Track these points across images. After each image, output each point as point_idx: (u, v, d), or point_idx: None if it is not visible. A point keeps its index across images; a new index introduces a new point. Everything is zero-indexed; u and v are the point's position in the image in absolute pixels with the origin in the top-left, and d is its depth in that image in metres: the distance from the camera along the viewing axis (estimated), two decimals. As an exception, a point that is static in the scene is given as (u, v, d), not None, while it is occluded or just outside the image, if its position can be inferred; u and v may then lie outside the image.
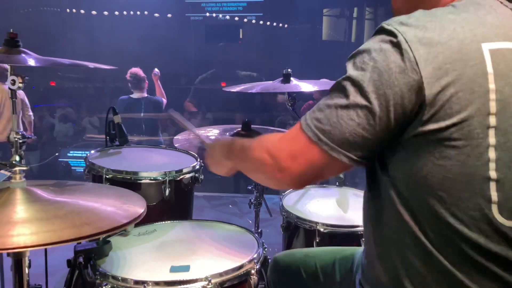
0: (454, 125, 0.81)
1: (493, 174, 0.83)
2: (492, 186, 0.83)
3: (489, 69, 0.82)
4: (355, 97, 0.85)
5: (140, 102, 4.88)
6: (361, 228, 1.73)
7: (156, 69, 5.19)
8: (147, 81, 4.97)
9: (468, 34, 0.83)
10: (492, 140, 0.82)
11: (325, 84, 2.42)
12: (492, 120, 0.82)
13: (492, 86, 0.82)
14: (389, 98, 0.83)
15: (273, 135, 1.02)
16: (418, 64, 0.81)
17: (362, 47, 0.88)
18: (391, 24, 0.86)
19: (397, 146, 0.88)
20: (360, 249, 1.28)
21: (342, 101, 0.87)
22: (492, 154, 0.82)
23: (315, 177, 0.96)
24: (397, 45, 0.83)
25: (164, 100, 5.15)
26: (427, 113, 0.82)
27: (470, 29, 0.84)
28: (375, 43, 0.86)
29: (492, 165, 0.83)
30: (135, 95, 4.91)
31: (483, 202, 0.84)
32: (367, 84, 0.84)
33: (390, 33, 0.85)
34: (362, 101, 0.84)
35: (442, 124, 0.81)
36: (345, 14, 9.70)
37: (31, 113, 4.95)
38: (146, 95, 4.95)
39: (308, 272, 1.35)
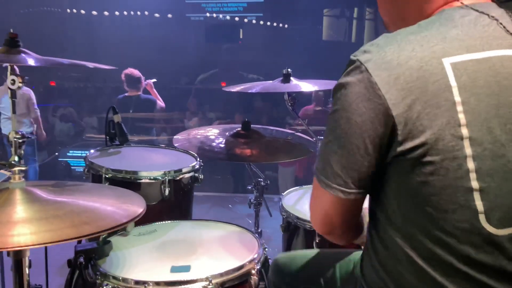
0: (428, 141, 0.83)
1: (475, 184, 0.84)
2: (476, 196, 0.84)
3: (452, 82, 0.84)
4: (333, 132, 0.91)
5: (131, 100, 4.91)
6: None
7: (149, 80, 5.18)
8: (143, 81, 4.98)
9: (427, 52, 0.85)
10: (468, 150, 0.83)
11: (325, 84, 2.42)
12: (465, 131, 0.83)
13: (457, 98, 0.83)
14: (361, 125, 0.87)
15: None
16: (381, 89, 0.84)
17: (337, 82, 0.92)
18: (356, 54, 0.90)
19: (382, 169, 0.91)
20: (361, 252, 1.27)
21: (328, 138, 0.93)
22: (471, 164, 0.83)
23: (342, 220, 1.01)
24: (360, 75, 0.87)
25: (161, 103, 5.16)
26: (401, 133, 0.84)
27: (429, 47, 0.86)
28: (343, 77, 0.91)
29: (472, 175, 0.83)
30: (129, 93, 4.95)
31: (469, 213, 0.84)
32: (340, 117, 0.89)
33: (354, 63, 0.89)
34: (339, 134, 0.90)
35: (417, 141, 0.83)
36: (345, 14, 9.70)
37: (36, 108, 5.03)
38: (139, 93, 4.97)
39: (309, 275, 1.35)
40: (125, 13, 9.19)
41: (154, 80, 5.26)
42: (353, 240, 1.15)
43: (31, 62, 1.34)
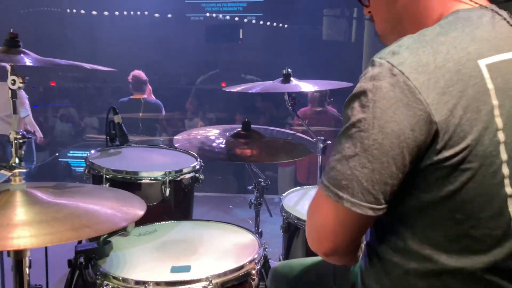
0: (468, 147, 0.79)
1: (509, 190, 0.82)
2: (510, 202, 0.82)
3: (489, 85, 0.81)
4: (362, 144, 0.82)
5: (139, 103, 4.90)
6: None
7: None
8: (149, 85, 5.00)
9: (463, 54, 0.82)
10: (504, 156, 0.81)
11: (326, 84, 2.41)
12: (501, 136, 0.81)
13: (495, 102, 0.81)
14: (399, 134, 0.79)
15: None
16: (421, 93, 0.79)
17: (356, 90, 0.84)
18: (383, 57, 0.83)
19: (411, 177, 0.85)
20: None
21: (350, 150, 0.83)
22: (505, 170, 0.81)
23: (354, 238, 0.92)
24: (393, 78, 0.80)
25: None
26: (441, 140, 0.79)
27: (463, 48, 0.82)
28: (368, 81, 0.82)
29: (507, 181, 0.81)
30: (135, 96, 4.94)
31: (503, 220, 0.83)
32: (372, 127, 0.81)
33: (382, 66, 0.82)
34: (372, 145, 0.81)
35: (457, 148, 0.79)
36: (345, 14, 9.69)
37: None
38: (145, 96, 4.97)
39: (307, 281, 1.35)
40: (125, 13, 9.19)
41: None
42: (354, 261, 1.04)
43: (30, 62, 1.34)
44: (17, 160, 1.28)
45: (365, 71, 0.85)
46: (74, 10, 9.23)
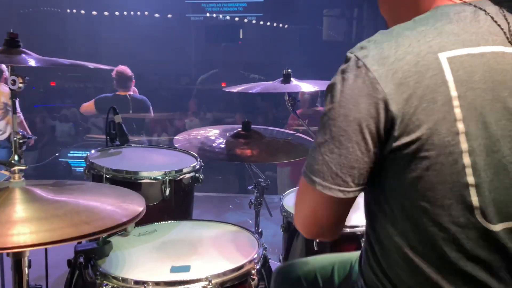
0: (424, 136, 0.83)
1: (470, 179, 0.84)
2: (472, 191, 0.84)
3: (448, 77, 0.84)
4: (330, 130, 0.89)
5: (126, 100, 4.69)
6: (361, 229, 1.73)
7: None
8: (134, 80, 4.82)
9: (424, 47, 0.86)
10: (464, 146, 0.83)
11: (326, 84, 2.41)
12: (460, 126, 0.83)
13: (454, 93, 0.83)
14: (361, 121, 0.86)
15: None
16: (380, 83, 0.84)
17: (331, 81, 0.92)
18: (353, 51, 0.90)
19: (378, 165, 0.90)
20: (359, 253, 1.28)
21: (322, 137, 0.90)
22: (466, 159, 0.83)
23: (334, 220, 1.00)
24: (357, 70, 0.87)
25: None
26: (398, 128, 0.84)
27: (426, 41, 0.86)
28: (339, 74, 0.90)
29: (468, 171, 0.84)
30: (121, 93, 4.75)
31: (465, 208, 0.85)
32: (338, 115, 0.88)
33: (350, 60, 0.89)
34: (337, 132, 0.88)
35: (413, 136, 0.83)
36: (345, 14, 9.69)
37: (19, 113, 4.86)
38: (131, 93, 4.79)
39: (308, 280, 1.36)
40: (125, 13, 9.19)
41: None
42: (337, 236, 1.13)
43: (31, 62, 1.34)
44: (16, 158, 1.28)
45: (341, 65, 0.92)
46: (74, 10, 9.23)
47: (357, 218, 1.88)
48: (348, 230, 1.78)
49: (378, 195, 0.94)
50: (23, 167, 1.28)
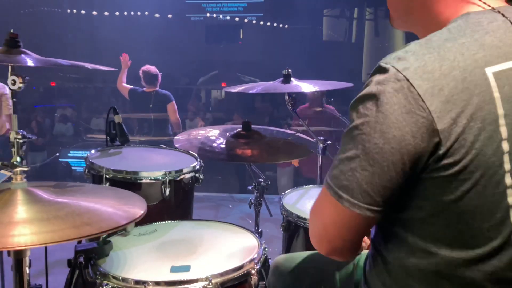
0: (470, 156, 0.78)
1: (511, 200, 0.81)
2: None
3: (496, 93, 0.79)
4: (362, 147, 0.82)
5: (150, 95, 5.05)
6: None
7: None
8: (159, 79, 5.13)
9: (470, 61, 0.80)
10: (507, 166, 0.80)
11: (326, 84, 2.42)
12: (505, 146, 0.79)
13: (500, 111, 0.79)
14: (400, 140, 0.79)
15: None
16: (424, 100, 0.78)
17: (362, 92, 0.84)
18: (389, 62, 0.83)
19: (413, 184, 0.84)
20: (361, 256, 1.27)
21: (352, 152, 0.84)
22: (508, 180, 0.80)
23: (353, 239, 0.93)
24: (397, 83, 0.80)
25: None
26: (443, 148, 0.79)
27: (470, 55, 0.81)
28: (374, 85, 0.82)
29: (510, 191, 0.80)
30: (148, 89, 5.09)
31: (505, 230, 0.82)
32: (374, 131, 0.81)
33: (387, 71, 0.82)
34: (371, 149, 0.82)
35: (458, 157, 0.78)
36: (345, 14, 9.70)
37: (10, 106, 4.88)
38: (157, 88, 5.11)
39: (308, 276, 1.35)
40: (125, 13, 9.19)
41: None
42: (355, 255, 1.06)
43: (31, 62, 1.34)
44: (18, 159, 1.28)
45: (372, 74, 0.85)
46: (75, 11, 9.24)
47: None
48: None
49: (403, 213, 0.88)
50: (25, 169, 1.29)
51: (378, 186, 0.82)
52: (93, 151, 2.20)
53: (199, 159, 2.13)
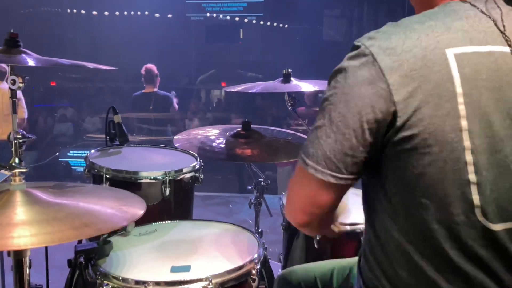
0: (426, 130, 0.83)
1: (472, 177, 0.84)
2: (473, 189, 0.84)
3: (455, 73, 0.84)
4: (329, 115, 0.89)
5: (149, 97, 5.14)
6: (361, 227, 1.73)
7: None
8: (159, 78, 5.20)
9: (432, 41, 0.85)
10: (467, 143, 0.83)
11: (326, 84, 2.41)
12: (464, 123, 0.83)
13: (459, 90, 0.83)
14: (361, 109, 0.85)
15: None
16: (384, 73, 0.84)
17: (336, 67, 0.91)
18: (360, 40, 0.90)
19: (379, 161, 0.90)
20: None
21: (320, 121, 0.90)
22: (469, 157, 0.83)
23: (324, 210, 0.96)
24: (364, 58, 0.87)
25: (176, 105, 5.37)
26: (400, 120, 0.83)
27: (434, 36, 0.86)
28: (345, 60, 0.90)
29: (470, 168, 0.84)
30: (147, 89, 5.17)
31: (466, 206, 0.85)
32: (339, 100, 0.88)
33: (358, 48, 0.89)
34: (335, 117, 0.88)
35: (416, 130, 0.83)
36: (345, 14, 9.70)
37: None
38: (156, 90, 5.19)
39: (309, 285, 1.37)
40: (125, 13, 9.19)
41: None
42: (324, 232, 1.13)
43: (31, 62, 1.34)
44: (17, 160, 1.28)
45: (348, 52, 0.92)
46: (75, 10, 9.23)
47: (356, 217, 1.88)
48: (348, 227, 1.77)
49: (378, 190, 0.93)
50: (24, 170, 1.28)
51: (340, 153, 0.88)
52: (93, 151, 2.20)
53: (199, 159, 2.13)
